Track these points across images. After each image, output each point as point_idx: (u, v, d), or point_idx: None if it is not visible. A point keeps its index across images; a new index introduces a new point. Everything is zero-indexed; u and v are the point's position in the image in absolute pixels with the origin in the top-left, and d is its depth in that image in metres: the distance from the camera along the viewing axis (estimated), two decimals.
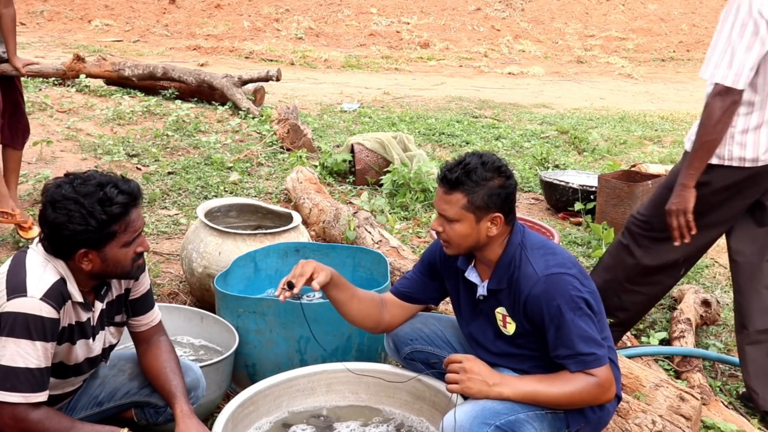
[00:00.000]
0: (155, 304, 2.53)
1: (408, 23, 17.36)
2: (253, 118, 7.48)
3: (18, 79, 4.53)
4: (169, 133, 6.67)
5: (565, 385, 2.21)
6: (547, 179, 5.71)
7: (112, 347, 2.43)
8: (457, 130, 8.07)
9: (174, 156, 6.22)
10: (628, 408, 2.59)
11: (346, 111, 8.99)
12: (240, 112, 7.58)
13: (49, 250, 2.16)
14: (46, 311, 2.07)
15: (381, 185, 5.69)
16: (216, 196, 5.32)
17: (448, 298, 2.61)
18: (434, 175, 2.98)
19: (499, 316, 2.36)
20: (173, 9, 17.21)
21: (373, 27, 17.04)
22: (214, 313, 3.16)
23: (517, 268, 2.29)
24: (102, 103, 7.47)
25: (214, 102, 7.88)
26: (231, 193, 5.48)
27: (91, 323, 2.27)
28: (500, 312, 2.35)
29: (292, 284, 2.32)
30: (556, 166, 6.77)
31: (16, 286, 2.09)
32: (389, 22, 17.41)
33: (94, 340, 2.28)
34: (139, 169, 5.79)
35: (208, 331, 3.16)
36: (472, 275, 2.41)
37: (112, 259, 2.17)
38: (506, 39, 16.71)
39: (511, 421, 2.18)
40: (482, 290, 2.38)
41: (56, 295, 2.11)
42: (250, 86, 8.00)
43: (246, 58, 13.61)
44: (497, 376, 2.26)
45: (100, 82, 8.12)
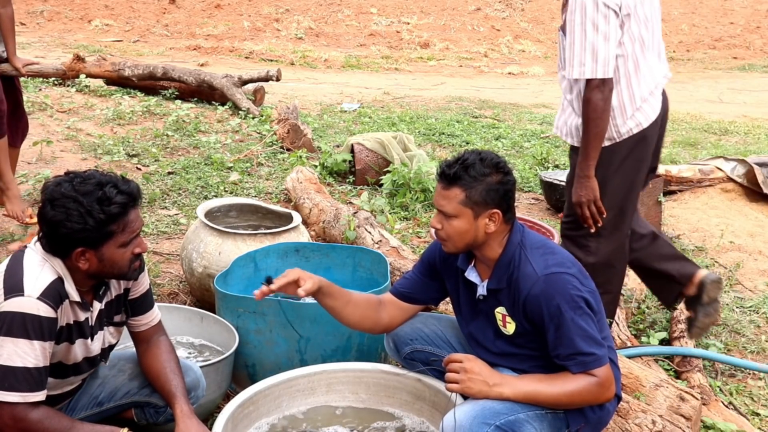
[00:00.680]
0: (155, 304, 2.53)
1: (408, 23, 17.35)
2: (253, 118, 7.47)
3: (17, 78, 4.55)
4: (169, 133, 6.67)
5: (565, 385, 2.21)
6: (547, 179, 5.70)
7: (112, 347, 2.43)
8: (457, 130, 8.06)
9: (174, 156, 6.21)
10: (628, 408, 2.59)
11: (346, 111, 8.98)
12: (240, 112, 7.57)
13: (46, 248, 2.16)
14: (44, 310, 2.07)
15: (381, 185, 5.68)
16: (216, 196, 5.31)
17: (448, 298, 2.61)
18: (434, 175, 2.98)
19: (498, 316, 2.36)
20: (173, 9, 17.20)
21: (373, 27, 17.03)
22: (214, 313, 3.16)
23: (516, 268, 2.29)
24: (102, 103, 7.47)
25: (214, 102, 7.87)
26: (231, 193, 5.48)
27: (90, 323, 2.27)
28: (500, 312, 2.35)
29: (270, 279, 2.35)
30: (556, 166, 6.76)
31: (14, 286, 2.09)
32: (389, 22, 17.40)
33: (92, 340, 2.28)
34: (139, 169, 5.79)
35: (208, 331, 3.17)
36: (471, 275, 2.41)
37: (109, 259, 2.17)
38: (506, 39, 16.69)
39: (511, 421, 2.18)
40: (482, 290, 2.38)
41: (53, 295, 2.11)
42: (250, 86, 8.00)
43: (246, 58, 13.60)
44: (497, 376, 2.26)
45: (100, 82, 8.12)
